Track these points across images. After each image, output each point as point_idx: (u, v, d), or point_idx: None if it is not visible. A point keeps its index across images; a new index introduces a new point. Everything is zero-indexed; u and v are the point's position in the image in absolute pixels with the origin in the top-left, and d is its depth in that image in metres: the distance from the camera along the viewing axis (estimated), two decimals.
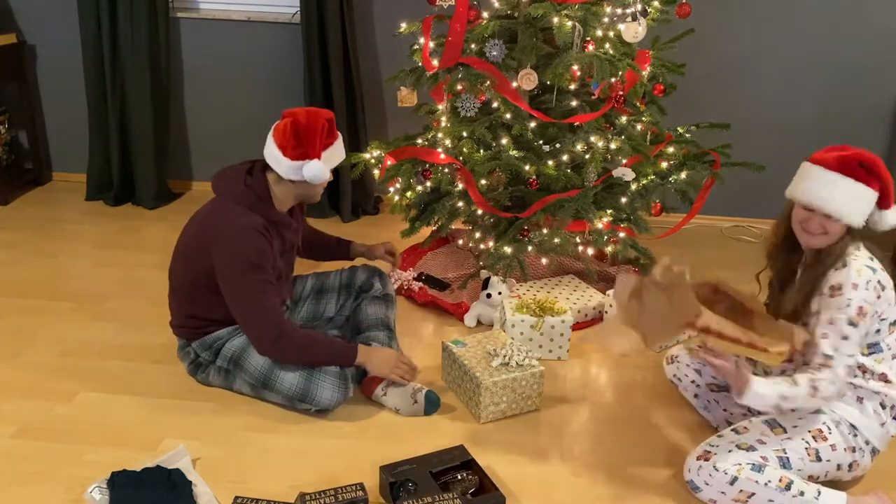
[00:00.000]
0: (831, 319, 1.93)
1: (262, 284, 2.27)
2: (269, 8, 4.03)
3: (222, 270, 2.28)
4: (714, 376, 2.34)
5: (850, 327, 1.91)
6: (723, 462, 1.95)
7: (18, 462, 2.11)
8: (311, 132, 2.27)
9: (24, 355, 2.64)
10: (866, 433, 2.00)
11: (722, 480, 1.95)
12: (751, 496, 1.93)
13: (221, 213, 2.32)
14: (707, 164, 3.12)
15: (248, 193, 2.31)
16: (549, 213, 2.88)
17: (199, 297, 2.38)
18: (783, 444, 1.98)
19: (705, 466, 1.98)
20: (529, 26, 2.86)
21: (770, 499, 1.92)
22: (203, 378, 2.47)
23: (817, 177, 1.96)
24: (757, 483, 1.92)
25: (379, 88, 4.01)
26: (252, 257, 2.25)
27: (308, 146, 2.28)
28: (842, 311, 1.91)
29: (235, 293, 2.28)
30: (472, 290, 3.12)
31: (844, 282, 1.92)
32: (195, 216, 2.43)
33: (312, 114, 2.30)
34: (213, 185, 2.40)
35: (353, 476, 2.08)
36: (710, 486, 1.97)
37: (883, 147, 3.90)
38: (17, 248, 3.51)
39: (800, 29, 3.77)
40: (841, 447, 1.99)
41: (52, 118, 4.25)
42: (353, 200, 4.03)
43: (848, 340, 1.91)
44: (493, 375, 2.34)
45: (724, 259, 3.68)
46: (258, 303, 2.27)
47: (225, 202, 2.34)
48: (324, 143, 2.30)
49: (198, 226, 2.38)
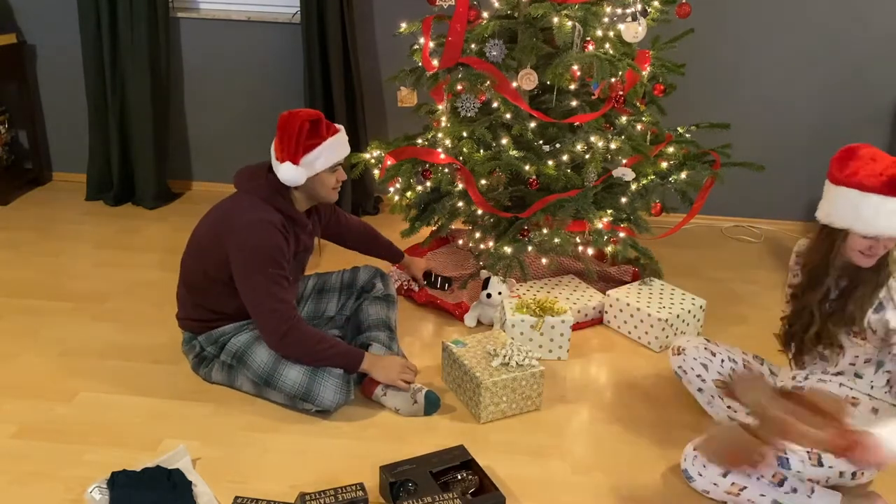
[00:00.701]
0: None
1: (276, 278, 2.27)
2: (269, 8, 4.03)
3: (237, 262, 2.27)
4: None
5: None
6: None
7: (18, 462, 2.11)
8: (288, 135, 2.26)
9: (24, 355, 2.64)
10: None
11: (715, 472, 1.96)
12: (742, 489, 1.94)
13: (240, 206, 2.33)
14: (707, 164, 3.11)
15: (268, 189, 2.32)
16: (549, 213, 2.88)
17: (209, 289, 2.38)
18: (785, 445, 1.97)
19: (700, 457, 1.98)
20: (529, 26, 2.86)
21: (762, 493, 1.92)
22: (206, 373, 2.47)
23: (878, 206, 1.85)
24: (749, 477, 1.92)
25: (379, 88, 4.01)
26: (268, 251, 2.26)
27: (285, 149, 2.27)
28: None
29: (249, 285, 2.28)
30: (472, 290, 3.12)
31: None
32: (213, 209, 2.44)
33: (291, 115, 2.28)
34: (235, 182, 2.41)
35: (353, 476, 2.08)
36: (704, 477, 1.99)
37: (883, 147, 3.89)
38: (17, 248, 3.51)
39: (800, 29, 3.77)
40: None
41: (52, 118, 4.25)
42: (353, 200, 4.03)
43: None
44: (493, 375, 2.34)
45: (725, 259, 3.68)
46: (272, 294, 2.27)
47: (244, 196, 2.35)
48: (305, 145, 2.26)
49: (215, 218, 2.38)
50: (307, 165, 2.29)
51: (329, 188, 2.38)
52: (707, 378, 2.32)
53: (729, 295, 3.28)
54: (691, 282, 3.30)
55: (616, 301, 2.94)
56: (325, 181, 2.36)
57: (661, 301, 2.89)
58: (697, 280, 3.39)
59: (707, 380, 2.32)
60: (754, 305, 3.21)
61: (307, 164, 2.28)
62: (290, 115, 2.28)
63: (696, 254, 3.70)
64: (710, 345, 2.34)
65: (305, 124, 2.25)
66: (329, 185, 2.37)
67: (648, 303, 2.88)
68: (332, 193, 2.41)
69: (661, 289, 3.00)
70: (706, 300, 2.94)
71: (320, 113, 2.32)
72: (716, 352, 2.32)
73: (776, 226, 4.01)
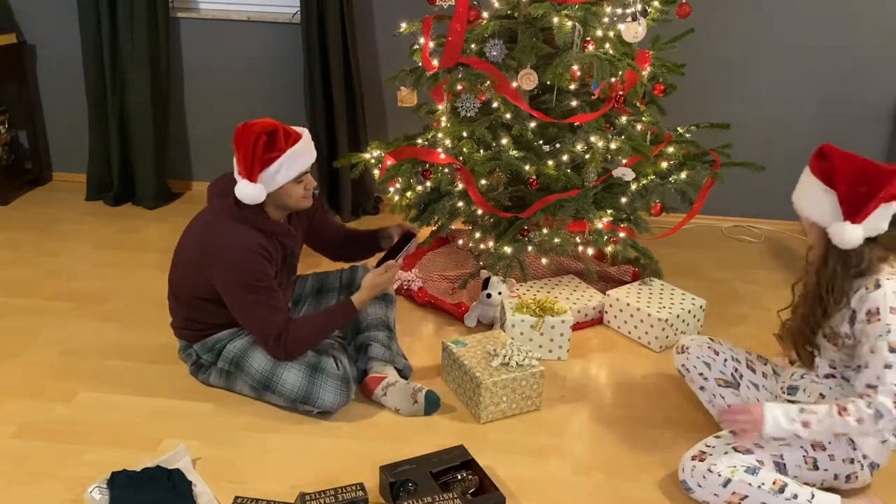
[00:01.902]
0: (872, 348, 1.85)
1: (264, 297, 2.26)
2: (269, 8, 4.03)
3: (223, 290, 2.28)
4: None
5: (892, 354, 1.83)
6: (717, 464, 1.94)
7: (18, 462, 2.11)
8: (243, 150, 2.16)
9: (24, 355, 2.64)
10: (864, 448, 1.98)
11: (715, 482, 1.94)
12: (743, 498, 1.92)
13: (217, 233, 2.26)
14: (707, 164, 3.11)
15: (237, 207, 2.25)
16: (549, 213, 2.88)
17: (201, 306, 2.38)
18: (781, 449, 1.97)
19: (699, 467, 1.97)
20: (529, 26, 2.86)
21: (763, 501, 1.91)
22: (204, 379, 2.47)
23: (802, 180, 1.97)
24: (750, 486, 1.91)
25: (379, 88, 4.01)
26: (252, 280, 2.24)
27: (243, 165, 2.18)
28: (882, 339, 1.84)
29: (239, 308, 2.29)
30: (472, 290, 3.12)
31: (881, 305, 1.85)
32: (192, 226, 2.39)
33: (245, 128, 2.17)
34: (208, 195, 2.38)
35: (353, 476, 2.08)
36: (703, 488, 1.96)
37: (883, 147, 3.90)
38: (17, 248, 3.51)
39: (800, 29, 3.77)
40: (839, 458, 1.97)
41: (52, 118, 4.25)
42: (353, 200, 4.03)
43: (891, 369, 1.82)
44: (493, 375, 2.34)
45: (725, 259, 3.68)
46: (262, 319, 2.27)
47: (218, 219, 2.28)
48: (261, 160, 2.15)
49: (195, 242, 2.33)
50: (266, 181, 2.19)
51: (298, 198, 2.30)
52: (709, 377, 2.32)
53: (729, 295, 3.28)
54: (691, 282, 3.30)
55: (616, 301, 2.94)
56: (291, 192, 2.27)
57: (660, 301, 2.89)
58: (697, 280, 3.39)
59: (710, 378, 2.32)
60: (754, 305, 3.21)
61: (266, 180, 2.19)
62: (244, 127, 2.17)
63: (696, 254, 3.70)
64: (714, 344, 2.34)
65: (261, 137, 2.14)
66: (297, 195, 2.29)
67: (648, 303, 2.88)
68: (302, 201, 2.32)
69: (661, 289, 3.00)
70: (706, 300, 2.94)
71: (277, 123, 2.21)
72: (719, 351, 2.32)
73: (776, 226, 4.01)
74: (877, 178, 1.84)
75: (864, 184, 1.83)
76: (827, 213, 1.88)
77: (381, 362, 2.48)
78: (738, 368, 2.32)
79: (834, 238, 1.88)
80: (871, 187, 1.83)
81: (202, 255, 2.28)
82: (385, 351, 2.50)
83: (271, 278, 2.29)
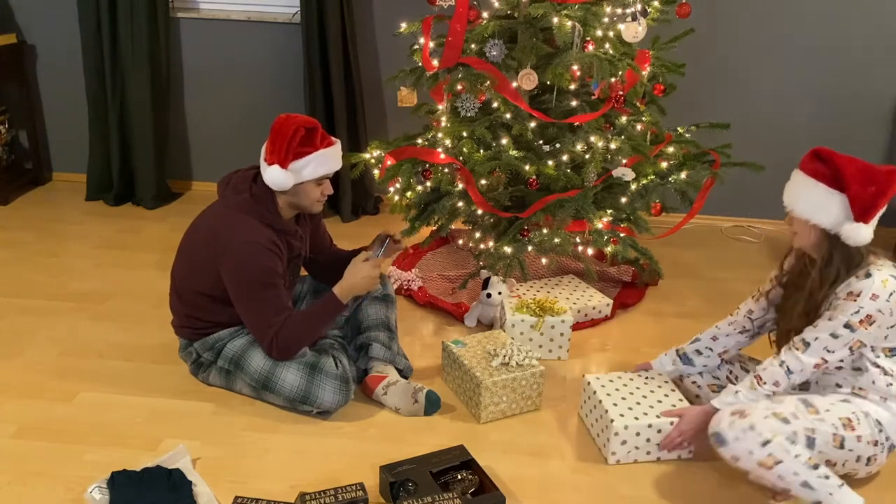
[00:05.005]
0: (831, 317, 1.94)
1: (269, 299, 2.27)
2: (269, 8, 4.03)
3: (231, 284, 2.28)
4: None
5: (845, 329, 1.92)
6: (759, 424, 1.89)
7: (18, 462, 2.11)
8: (281, 137, 2.22)
9: (24, 355, 2.64)
10: (889, 430, 1.99)
11: (755, 440, 1.88)
12: (777, 463, 1.87)
13: (230, 225, 2.29)
14: (707, 164, 3.12)
15: (253, 203, 2.29)
16: (549, 213, 2.88)
17: (204, 303, 2.38)
18: (814, 424, 1.93)
19: (739, 422, 1.91)
20: (529, 26, 2.86)
21: (795, 471, 1.87)
22: (204, 378, 2.48)
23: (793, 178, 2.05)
24: (788, 453, 1.87)
25: (379, 88, 4.01)
26: (261, 276, 2.25)
27: (276, 152, 2.23)
28: (846, 315, 1.92)
29: (244, 305, 2.30)
30: (472, 290, 3.12)
31: (864, 290, 1.91)
32: (201, 220, 2.41)
33: (288, 119, 2.25)
34: (219, 192, 2.39)
35: (353, 476, 2.08)
36: (740, 442, 1.90)
37: (883, 147, 3.90)
38: (17, 248, 3.51)
39: (800, 29, 3.77)
40: (866, 439, 1.97)
41: (52, 118, 4.25)
42: (353, 200, 4.03)
43: (836, 339, 1.93)
44: (493, 375, 2.34)
45: (724, 259, 3.68)
46: (264, 316, 2.28)
47: (231, 212, 2.31)
48: (295, 151, 2.22)
49: (206, 235, 2.34)
50: (295, 172, 2.25)
51: (313, 199, 2.34)
52: (703, 384, 2.40)
53: (729, 295, 3.28)
54: (691, 282, 3.30)
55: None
56: (309, 192, 2.31)
57: None
58: (697, 280, 3.39)
59: (703, 385, 2.40)
60: None
61: (295, 171, 2.24)
62: (287, 118, 2.25)
63: (696, 254, 3.70)
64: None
65: (300, 130, 2.22)
66: (313, 196, 2.33)
67: None
68: (315, 205, 2.37)
69: None
70: (706, 300, 2.94)
71: (318, 123, 2.29)
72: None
73: (776, 226, 4.01)
74: (881, 178, 1.90)
75: (871, 184, 1.89)
76: (833, 214, 1.93)
77: (382, 362, 2.48)
78: (732, 371, 2.34)
79: (848, 239, 1.92)
80: (879, 187, 1.89)
81: (214, 246, 2.29)
82: (386, 351, 2.50)
83: (279, 276, 2.30)
